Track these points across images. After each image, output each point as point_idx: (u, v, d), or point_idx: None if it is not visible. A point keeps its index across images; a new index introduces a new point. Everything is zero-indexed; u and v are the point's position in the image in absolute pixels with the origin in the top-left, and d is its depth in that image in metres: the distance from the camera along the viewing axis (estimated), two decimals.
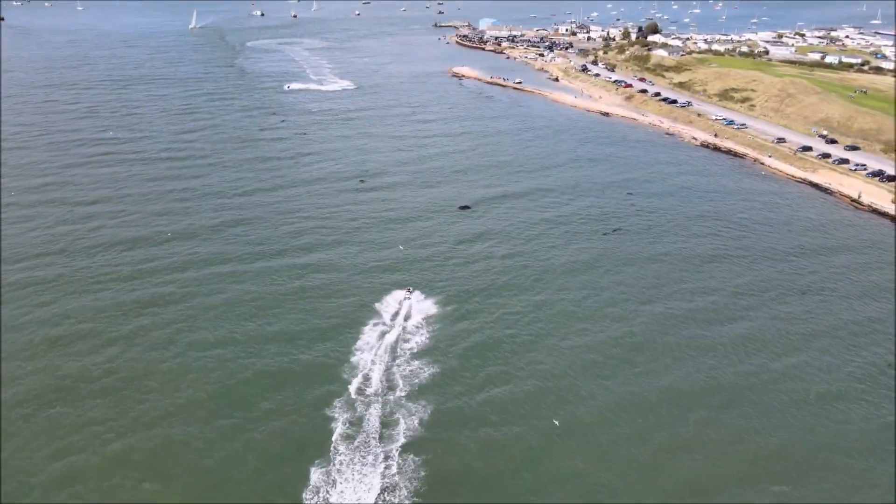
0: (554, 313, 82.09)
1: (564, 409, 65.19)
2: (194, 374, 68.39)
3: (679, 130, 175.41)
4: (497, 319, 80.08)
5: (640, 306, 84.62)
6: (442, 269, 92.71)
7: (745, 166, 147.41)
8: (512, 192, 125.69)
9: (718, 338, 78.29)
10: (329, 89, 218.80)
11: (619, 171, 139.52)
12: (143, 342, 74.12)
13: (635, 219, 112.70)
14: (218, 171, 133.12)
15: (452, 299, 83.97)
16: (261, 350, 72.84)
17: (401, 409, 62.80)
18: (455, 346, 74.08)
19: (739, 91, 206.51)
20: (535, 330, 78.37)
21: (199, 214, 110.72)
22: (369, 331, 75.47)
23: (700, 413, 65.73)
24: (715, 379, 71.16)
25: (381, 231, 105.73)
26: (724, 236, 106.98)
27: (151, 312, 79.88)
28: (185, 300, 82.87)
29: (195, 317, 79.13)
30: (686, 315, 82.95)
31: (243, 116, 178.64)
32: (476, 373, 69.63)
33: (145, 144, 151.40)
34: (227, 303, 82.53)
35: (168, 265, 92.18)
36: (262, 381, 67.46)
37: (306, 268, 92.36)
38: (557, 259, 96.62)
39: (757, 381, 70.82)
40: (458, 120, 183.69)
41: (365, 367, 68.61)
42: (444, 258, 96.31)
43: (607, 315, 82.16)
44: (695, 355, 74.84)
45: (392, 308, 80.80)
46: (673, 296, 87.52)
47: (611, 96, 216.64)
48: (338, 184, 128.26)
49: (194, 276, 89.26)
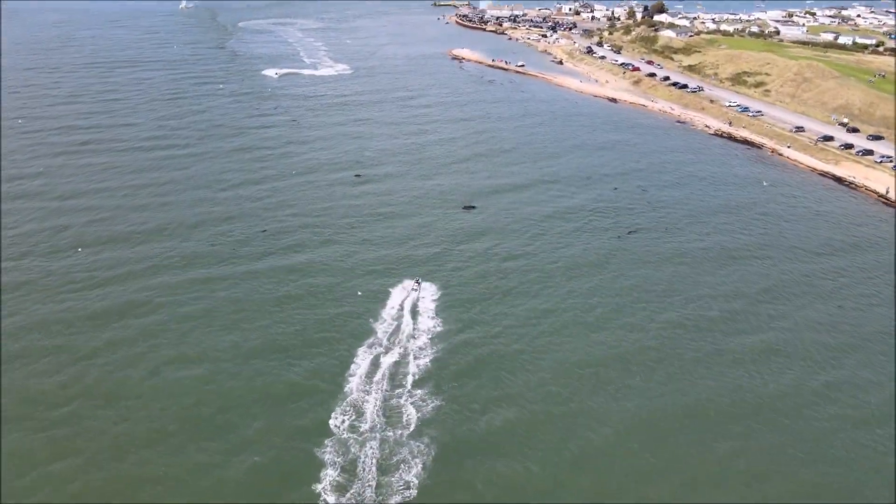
0: (562, 324, 75.03)
1: (577, 436, 58.53)
2: (167, 398, 61.53)
3: (691, 118, 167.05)
4: (501, 332, 72.96)
5: (657, 314, 77.64)
6: (441, 274, 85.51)
7: (763, 158, 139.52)
8: (515, 184, 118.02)
9: (743, 351, 71.41)
10: (323, 73, 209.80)
11: (630, 162, 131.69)
12: (113, 360, 67.12)
13: (650, 215, 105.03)
14: (203, 163, 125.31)
15: (453, 309, 76.82)
16: (243, 368, 65.91)
17: (402, 448, 55.18)
18: (456, 365, 66.74)
19: (753, 75, 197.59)
20: (543, 344, 71.36)
21: (180, 211, 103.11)
22: (363, 353, 67.47)
23: (727, 442, 59.03)
24: (743, 400, 64.39)
25: (378, 230, 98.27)
26: (745, 234, 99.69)
27: (123, 325, 72.79)
28: (160, 310, 75.75)
29: (171, 329, 72.07)
30: (707, 324, 75.94)
31: (232, 103, 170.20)
32: (480, 396, 62.55)
33: (127, 132, 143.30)
34: (206, 313, 75.42)
35: (144, 269, 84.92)
36: (242, 405, 60.63)
37: (295, 272, 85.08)
38: (565, 261, 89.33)
39: (789, 403, 63.99)
40: (458, 106, 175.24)
41: (359, 394, 61.13)
42: (442, 262, 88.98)
43: (621, 325, 75.15)
44: (718, 372, 68.00)
45: (391, 316, 73.85)
46: (691, 302, 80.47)
47: (618, 80, 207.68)
48: (331, 176, 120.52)
49: (171, 280, 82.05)
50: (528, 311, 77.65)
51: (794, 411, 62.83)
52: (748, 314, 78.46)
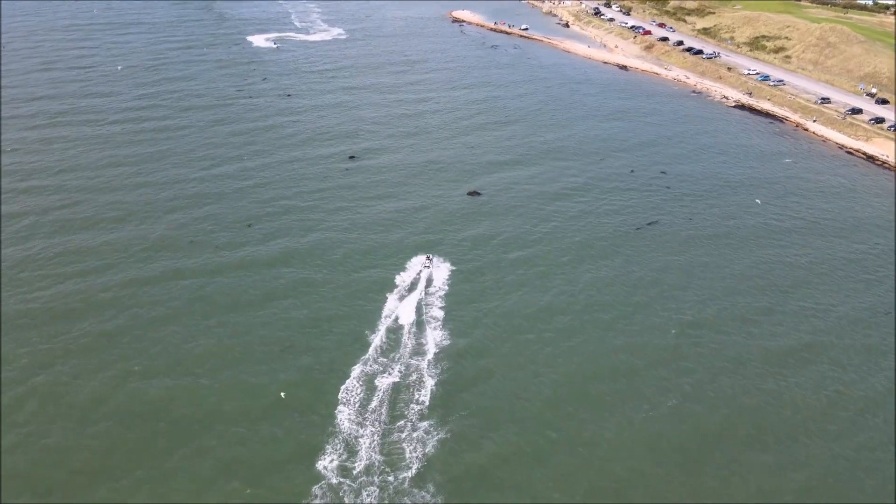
0: (578, 347, 66.96)
1: (596, 468, 51.76)
2: (127, 420, 54.39)
3: (708, 87, 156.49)
4: (509, 362, 64.74)
5: (687, 329, 69.79)
6: (442, 281, 77.60)
7: (787, 133, 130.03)
8: (522, 167, 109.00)
9: (793, 383, 62.80)
10: (316, 39, 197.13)
11: (645, 140, 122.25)
12: (68, 371, 59.78)
13: (671, 205, 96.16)
14: (183, 141, 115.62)
15: (455, 329, 68.99)
16: (221, 390, 58.65)
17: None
18: (463, 410, 58.07)
19: (772, 39, 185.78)
20: (555, 354, 63.91)
21: (154, 198, 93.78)
22: (355, 382, 59.36)
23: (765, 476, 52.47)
24: (806, 470, 55.63)
25: (372, 223, 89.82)
26: (778, 230, 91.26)
27: (81, 332, 65.09)
28: (123, 313, 67.71)
29: (136, 336, 64.22)
30: (750, 345, 68.16)
31: (218, 72, 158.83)
32: (489, 442, 55.12)
33: (103, 104, 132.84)
34: (181, 314, 67.76)
35: (107, 266, 76.12)
36: (218, 444, 53.65)
37: (279, 272, 76.94)
38: (580, 263, 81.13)
39: (864, 460, 55.11)
40: (459, 75, 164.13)
41: (351, 432, 53.47)
42: (442, 267, 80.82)
43: (645, 347, 66.92)
44: (767, 412, 60.18)
45: (386, 328, 66.32)
46: (725, 315, 72.42)
47: (628, 45, 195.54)
48: (323, 157, 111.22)
49: (140, 277, 73.76)
50: (540, 315, 70.04)
51: (872, 467, 54.68)
52: (790, 331, 70.40)
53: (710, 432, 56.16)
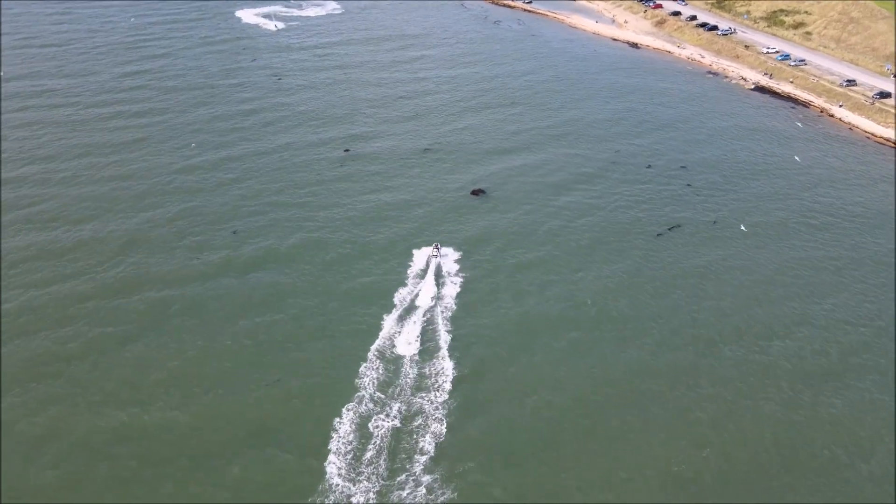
0: (591, 370, 60.63)
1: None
2: (91, 481, 47.99)
3: (724, 68, 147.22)
4: (518, 389, 58.10)
5: (709, 347, 63.37)
6: (445, 291, 70.50)
7: (810, 119, 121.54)
8: (528, 156, 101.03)
9: (827, 410, 57.09)
10: (310, 14, 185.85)
11: (661, 128, 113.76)
12: (22, 401, 53.20)
13: (693, 203, 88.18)
14: (163, 131, 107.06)
15: (460, 351, 62.14)
16: (191, 424, 52.11)
17: None
18: (470, 459, 52.01)
19: (790, 14, 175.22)
20: (572, 406, 57.23)
21: (127, 193, 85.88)
22: (349, 425, 52.61)
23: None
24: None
25: (365, 224, 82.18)
26: (809, 235, 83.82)
27: (41, 359, 58.22)
28: (84, 332, 60.82)
29: (105, 353, 57.61)
30: (779, 364, 61.71)
31: (205, 52, 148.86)
32: (498, 489, 48.99)
33: (75, 88, 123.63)
34: (145, 344, 60.80)
35: (66, 275, 68.81)
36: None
37: (262, 280, 69.88)
38: (595, 271, 73.86)
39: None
40: (460, 54, 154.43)
41: (343, 490, 46.94)
42: (447, 279, 73.66)
43: (663, 369, 60.72)
44: (799, 446, 54.35)
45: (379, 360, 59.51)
46: (752, 330, 65.83)
47: (638, 21, 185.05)
48: (315, 147, 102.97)
49: (108, 287, 66.69)
50: (550, 330, 63.35)
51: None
52: (836, 362, 64.11)
53: (735, 472, 50.02)
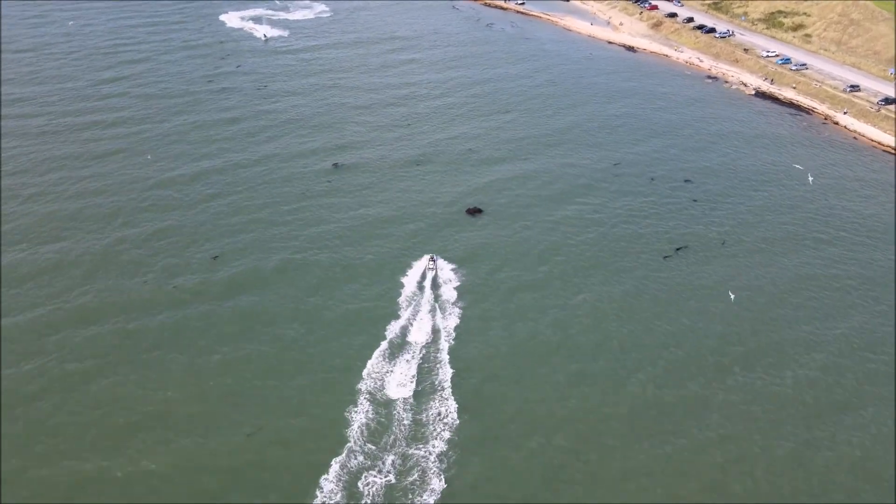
0: (596, 407, 56.66)
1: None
2: None
3: (724, 72, 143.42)
4: (518, 431, 54.36)
5: (718, 393, 59.49)
6: (441, 322, 66.11)
7: (816, 127, 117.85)
8: (524, 168, 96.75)
9: (853, 448, 53.43)
10: (298, 17, 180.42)
11: (661, 137, 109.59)
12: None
13: (701, 225, 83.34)
14: (141, 142, 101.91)
15: (453, 394, 57.88)
16: (158, 482, 47.54)
17: None
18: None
19: (789, 15, 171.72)
20: (577, 448, 53.22)
21: (97, 211, 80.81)
22: (334, 483, 48.07)
23: None
24: None
25: (357, 245, 77.68)
26: (819, 251, 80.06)
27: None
28: (40, 372, 56.15)
29: (48, 417, 52.98)
30: (797, 397, 57.87)
31: (186, 58, 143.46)
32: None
33: (50, 96, 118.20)
34: (110, 377, 56.13)
35: (22, 305, 64.17)
36: None
37: (243, 314, 65.17)
38: (592, 302, 69.45)
39: None
40: (452, 58, 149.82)
41: None
42: (446, 309, 69.28)
43: (673, 411, 56.87)
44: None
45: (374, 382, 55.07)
46: (761, 364, 62.01)
47: (634, 22, 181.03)
48: (302, 163, 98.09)
49: (71, 337, 61.78)
50: (550, 362, 59.17)
51: None
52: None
53: None
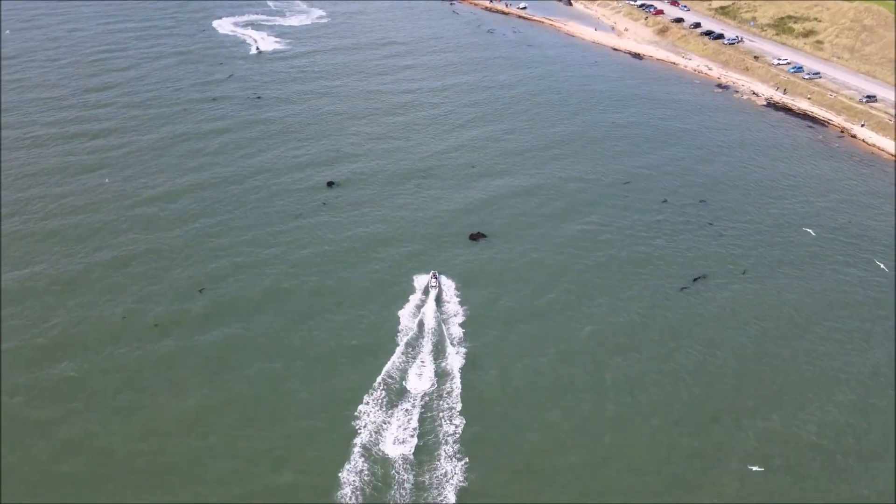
0: (608, 486, 51.84)
1: None
2: None
3: (734, 81, 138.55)
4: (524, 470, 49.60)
5: (742, 440, 54.60)
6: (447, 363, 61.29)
7: (832, 141, 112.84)
8: (528, 188, 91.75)
9: None
10: (294, 23, 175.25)
11: (673, 152, 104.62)
12: None
13: (719, 251, 78.27)
14: (124, 156, 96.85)
15: (456, 451, 53.12)
16: None
17: None
18: None
19: (800, 21, 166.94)
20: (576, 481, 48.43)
21: (68, 241, 75.61)
22: None
23: None
24: None
25: (351, 270, 72.83)
26: (845, 276, 75.23)
27: None
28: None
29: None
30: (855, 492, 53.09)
31: (178, 66, 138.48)
32: None
33: (31, 106, 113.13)
34: (74, 424, 51.26)
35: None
36: None
37: (222, 349, 60.35)
38: (604, 337, 64.80)
39: None
40: (453, 66, 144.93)
41: None
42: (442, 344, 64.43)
43: (693, 459, 52.14)
44: None
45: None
46: (787, 407, 57.23)
47: (639, 28, 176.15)
48: (295, 179, 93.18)
49: (22, 377, 56.99)
50: (564, 426, 54.32)
51: None
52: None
53: None
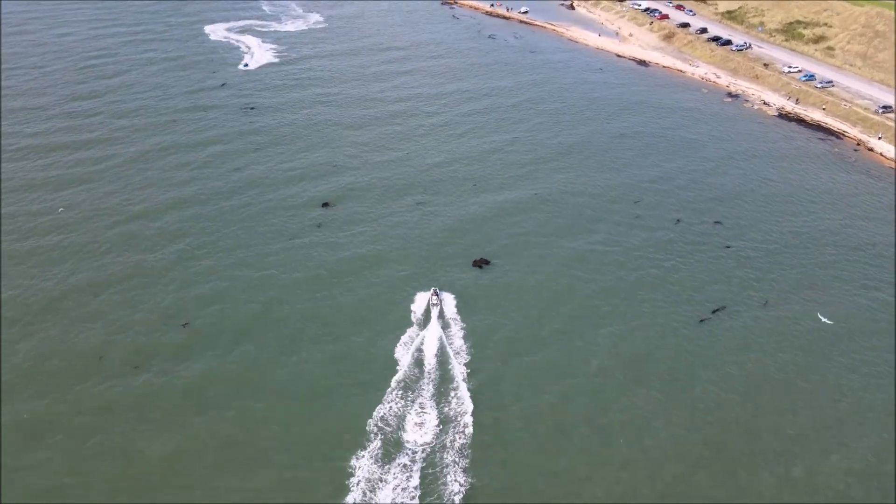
0: None
1: None
2: None
3: (744, 90, 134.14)
4: None
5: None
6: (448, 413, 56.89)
7: (848, 155, 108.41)
8: (534, 206, 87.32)
9: None
10: (290, 29, 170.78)
11: (684, 167, 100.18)
12: None
13: (738, 278, 73.51)
14: (105, 172, 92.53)
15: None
16: None
17: None
18: None
19: (810, 26, 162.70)
20: None
21: (44, 266, 71.41)
22: None
23: None
24: None
25: (343, 297, 68.38)
26: (872, 303, 70.85)
27: None
28: None
29: None
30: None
31: (168, 73, 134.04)
32: None
33: (11, 117, 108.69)
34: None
35: None
36: None
37: (199, 387, 55.93)
38: (618, 381, 60.43)
39: None
40: (453, 74, 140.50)
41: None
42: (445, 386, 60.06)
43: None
44: None
45: None
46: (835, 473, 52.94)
47: (644, 33, 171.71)
48: (287, 196, 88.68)
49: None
50: (569, 473, 49.95)
51: None
52: None
53: None
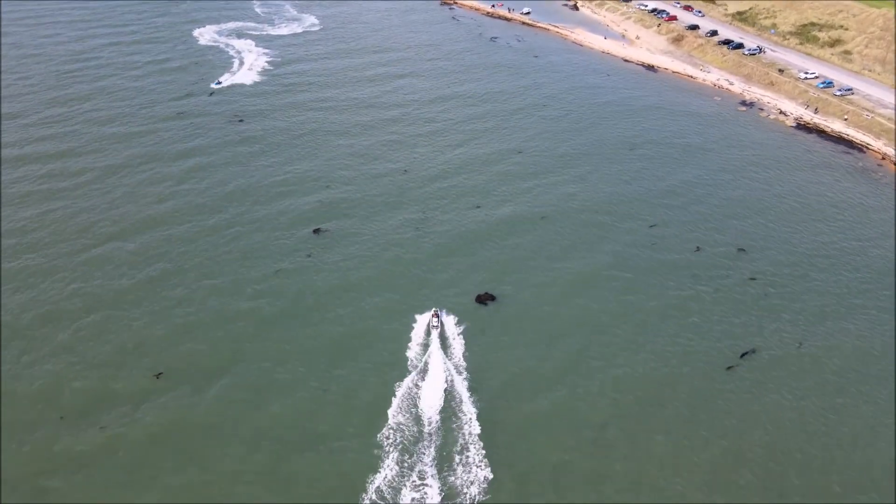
0: None
1: None
2: None
3: (759, 97, 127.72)
4: None
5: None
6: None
7: (870, 169, 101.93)
8: (541, 234, 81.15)
9: None
10: (283, 32, 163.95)
11: (701, 184, 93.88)
12: None
13: (768, 314, 67.08)
14: (77, 189, 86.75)
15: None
16: None
17: None
18: None
19: (825, 28, 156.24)
20: None
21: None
22: None
23: None
24: None
25: (336, 333, 62.35)
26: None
27: None
28: None
29: None
30: None
31: (153, 78, 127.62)
32: None
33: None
34: None
35: None
36: None
37: (174, 451, 50.02)
38: (640, 441, 54.54)
39: None
40: (452, 80, 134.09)
41: None
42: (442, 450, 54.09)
43: None
44: None
45: None
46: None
47: (652, 36, 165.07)
48: (275, 215, 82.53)
49: None
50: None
51: None
52: None
53: None
